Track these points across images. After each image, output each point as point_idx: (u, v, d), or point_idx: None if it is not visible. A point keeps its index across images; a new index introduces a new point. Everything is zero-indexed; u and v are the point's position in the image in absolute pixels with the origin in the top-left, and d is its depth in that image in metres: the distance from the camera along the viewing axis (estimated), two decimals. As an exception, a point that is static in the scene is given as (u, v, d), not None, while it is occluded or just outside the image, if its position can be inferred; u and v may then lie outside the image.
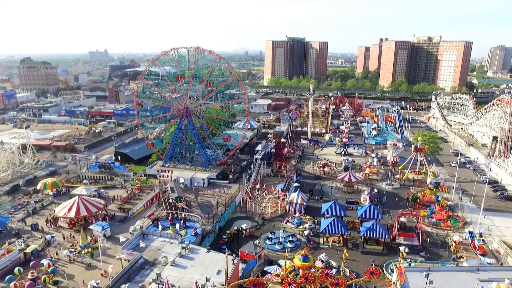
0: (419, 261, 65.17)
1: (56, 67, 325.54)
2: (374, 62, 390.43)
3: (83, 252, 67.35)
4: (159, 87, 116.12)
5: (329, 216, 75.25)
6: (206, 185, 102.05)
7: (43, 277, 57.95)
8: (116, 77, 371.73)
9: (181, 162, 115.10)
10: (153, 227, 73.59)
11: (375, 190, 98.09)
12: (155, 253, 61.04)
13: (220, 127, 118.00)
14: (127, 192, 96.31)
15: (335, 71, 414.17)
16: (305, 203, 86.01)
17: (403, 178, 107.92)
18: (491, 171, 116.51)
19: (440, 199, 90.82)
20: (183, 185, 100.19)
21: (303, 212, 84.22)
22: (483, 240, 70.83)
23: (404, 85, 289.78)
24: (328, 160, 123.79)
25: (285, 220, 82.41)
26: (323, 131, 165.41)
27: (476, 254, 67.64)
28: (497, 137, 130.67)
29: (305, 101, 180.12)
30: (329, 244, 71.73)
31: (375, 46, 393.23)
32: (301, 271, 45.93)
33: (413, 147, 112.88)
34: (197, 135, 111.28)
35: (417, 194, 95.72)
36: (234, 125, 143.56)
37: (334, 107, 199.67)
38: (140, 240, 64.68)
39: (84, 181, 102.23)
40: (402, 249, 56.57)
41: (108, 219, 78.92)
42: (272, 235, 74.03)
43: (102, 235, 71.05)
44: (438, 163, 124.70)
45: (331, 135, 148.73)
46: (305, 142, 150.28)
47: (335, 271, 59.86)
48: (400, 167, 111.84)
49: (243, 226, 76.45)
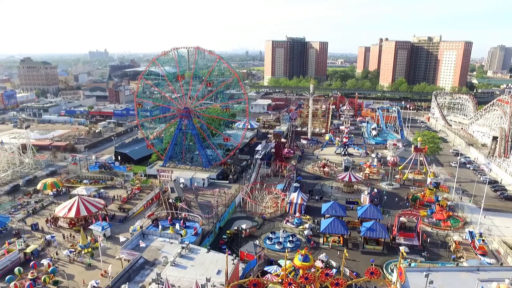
0: (419, 261, 65.19)
1: (56, 67, 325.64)
2: (374, 62, 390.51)
3: (83, 252, 67.36)
4: (159, 87, 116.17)
5: (329, 216, 75.26)
6: (206, 185, 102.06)
7: (43, 277, 57.95)
8: (116, 77, 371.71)
9: (181, 162, 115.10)
10: (153, 227, 73.63)
11: (375, 190, 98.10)
12: (155, 253, 61.02)
13: (220, 127, 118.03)
14: (127, 192, 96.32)
15: (335, 71, 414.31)
16: (305, 203, 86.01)
17: (403, 178, 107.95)
18: (491, 171, 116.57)
19: (440, 199, 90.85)
20: (183, 185, 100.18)
21: (303, 212, 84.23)
22: (483, 240, 70.83)
23: (404, 85, 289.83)
24: (328, 160, 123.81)
25: (285, 220, 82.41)
26: (323, 131, 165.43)
27: (476, 254, 67.65)
28: (497, 137, 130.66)
29: (305, 101, 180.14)
30: (329, 244, 71.74)
31: (375, 46, 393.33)
32: (301, 271, 45.92)
33: (413, 147, 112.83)
34: (197, 135, 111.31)
35: (417, 194, 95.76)
36: (234, 125, 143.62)
37: (334, 107, 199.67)
38: (140, 240, 64.68)
39: (84, 181, 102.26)
40: (402, 249, 56.52)
41: (108, 219, 78.95)
42: (272, 235, 74.08)
43: (102, 235, 71.03)
44: (438, 163, 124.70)
45: (331, 135, 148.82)
46: (305, 142, 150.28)
47: (335, 271, 59.85)
48: (400, 167, 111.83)
49: (243, 226, 76.47)
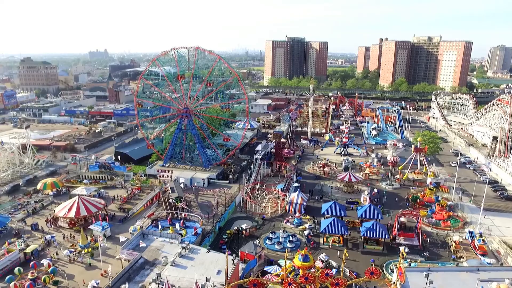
0: (419, 261, 65.19)
1: (56, 67, 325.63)
2: (374, 62, 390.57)
3: (83, 252, 67.36)
4: (159, 87, 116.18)
5: (329, 216, 75.26)
6: (206, 185, 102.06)
7: (43, 277, 57.94)
8: (116, 77, 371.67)
9: (181, 162, 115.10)
10: (153, 227, 73.60)
11: (375, 190, 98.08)
12: (155, 253, 61.01)
13: (220, 127, 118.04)
14: (127, 192, 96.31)
15: (335, 71, 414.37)
16: (305, 203, 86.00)
17: (403, 178, 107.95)
18: (491, 171, 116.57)
19: (440, 199, 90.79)
20: (183, 185, 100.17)
21: (303, 212, 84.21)
22: (483, 240, 70.82)
23: (404, 85, 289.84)
24: (328, 160, 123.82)
25: (285, 220, 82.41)
26: (323, 131, 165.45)
27: (476, 254, 67.64)
28: (497, 137, 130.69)
29: (305, 101, 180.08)
30: (329, 244, 71.74)
31: (375, 46, 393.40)
32: (301, 271, 45.91)
33: (413, 147, 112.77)
34: (197, 135, 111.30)
35: (417, 194, 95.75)
36: (234, 125, 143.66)
37: (334, 107, 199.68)
38: (140, 240, 64.68)
39: (84, 181, 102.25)
40: (402, 249, 56.48)
41: (108, 219, 78.90)
42: (272, 235, 74.07)
43: (102, 235, 71.06)
44: (438, 163, 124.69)
45: (332, 135, 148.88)
46: (305, 142, 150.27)
47: (335, 271, 59.86)
48: (400, 167, 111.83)
49: (243, 226, 76.46)
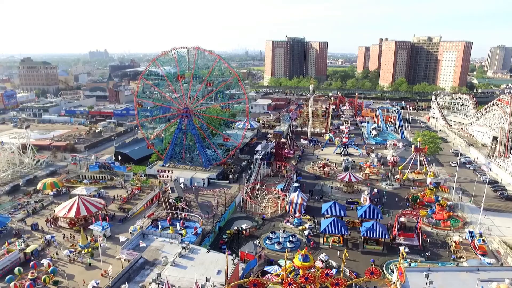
0: (419, 261, 65.19)
1: (56, 67, 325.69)
2: (374, 62, 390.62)
3: (83, 252, 67.35)
4: (159, 87, 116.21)
5: (329, 216, 75.26)
6: (206, 185, 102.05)
7: (43, 277, 57.94)
8: (116, 77, 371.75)
9: (181, 162, 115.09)
10: (152, 227, 73.57)
11: (375, 190, 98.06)
12: (155, 253, 61.01)
13: (220, 127, 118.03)
14: (127, 192, 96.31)
15: (335, 71, 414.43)
16: (305, 203, 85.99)
17: (403, 178, 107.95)
18: (491, 171, 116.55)
19: (440, 199, 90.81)
20: (183, 185, 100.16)
21: (303, 212, 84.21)
22: (483, 240, 70.82)
23: (404, 85, 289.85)
24: (328, 160, 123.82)
25: (285, 220, 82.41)
26: (323, 131, 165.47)
27: (476, 254, 67.65)
28: (497, 137, 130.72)
29: (305, 101, 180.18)
30: (329, 244, 71.74)
31: (375, 46, 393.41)
32: (301, 271, 45.91)
33: (413, 147, 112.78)
34: (197, 135, 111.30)
35: (417, 194, 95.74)
36: (234, 125, 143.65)
37: (334, 107, 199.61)
38: (140, 240, 64.67)
39: (84, 181, 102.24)
40: (402, 249, 56.44)
41: (108, 219, 78.94)
42: (272, 235, 74.07)
43: (102, 235, 71.05)
44: (438, 163, 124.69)
45: (332, 135, 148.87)
46: (305, 142, 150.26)
47: (335, 271, 59.87)
48: (400, 167, 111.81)
49: (243, 226, 76.47)
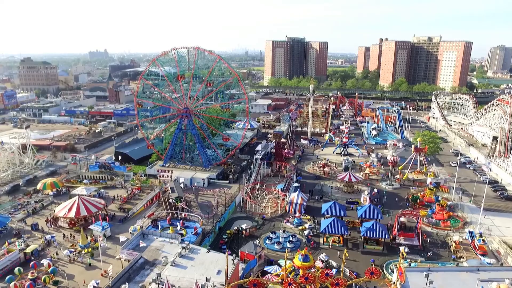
0: (419, 261, 65.19)
1: (56, 67, 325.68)
2: (374, 62, 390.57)
3: (83, 252, 67.35)
4: (159, 87, 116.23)
5: (329, 216, 75.27)
6: (206, 185, 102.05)
7: (43, 277, 57.93)
8: (116, 77, 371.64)
9: (181, 162, 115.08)
10: (152, 227, 73.54)
11: (375, 190, 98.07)
12: (155, 253, 61.01)
13: (220, 127, 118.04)
14: (127, 192, 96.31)
15: (335, 71, 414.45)
16: (305, 203, 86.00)
17: (403, 178, 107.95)
18: (491, 171, 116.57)
19: (440, 199, 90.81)
20: (183, 185, 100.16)
21: (303, 212, 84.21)
22: (483, 240, 70.83)
23: (404, 85, 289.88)
24: (328, 160, 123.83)
25: (285, 220, 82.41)
26: (323, 131, 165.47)
27: (476, 254, 67.65)
28: (497, 137, 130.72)
29: (305, 101, 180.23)
30: (329, 244, 71.74)
31: (375, 46, 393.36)
32: (301, 271, 45.91)
33: (413, 147, 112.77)
34: (197, 135, 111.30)
35: (417, 194, 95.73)
36: (234, 125, 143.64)
37: (334, 107, 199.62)
38: (140, 240, 64.66)
39: (84, 181, 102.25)
40: (402, 249, 56.47)
41: (108, 219, 78.96)
42: (272, 235, 74.07)
43: (102, 235, 71.04)
44: (438, 163, 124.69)
45: (332, 135, 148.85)
46: (305, 142, 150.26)
47: (335, 271, 59.86)
48: (400, 167, 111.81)
49: (243, 226, 76.48)
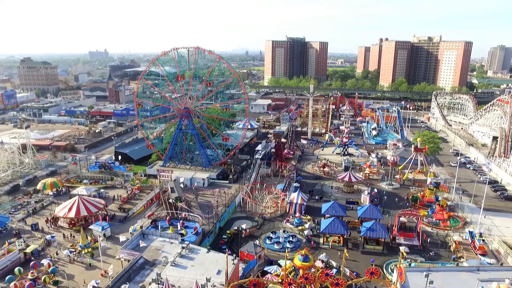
0: (419, 261, 65.20)
1: (56, 67, 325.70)
2: (374, 62, 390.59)
3: (83, 252, 67.36)
4: (159, 87, 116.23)
5: (329, 216, 75.27)
6: (206, 185, 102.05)
7: (43, 277, 57.94)
8: (116, 77, 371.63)
9: (181, 162, 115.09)
10: (152, 228, 73.51)
11: (375, 190, 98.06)
12: (155, 253, 61.00)
13: (220, 127, 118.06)
14: (127, 192, 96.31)
15: (335, 71, 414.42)
16: (305, 203, 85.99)
17: (403, 178, 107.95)
18: (491, 171, 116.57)
19: (440, 199, 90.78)
20: (183, 185, 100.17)
21: (303, 212, 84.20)
22: (483, 240, 70.83)
23: (404, 85, 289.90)
24: (328, 160, 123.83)
25: (285, 220, 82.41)
26: (323, 131, 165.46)
27: (476, 254, 67.65)
28: (497, 137, 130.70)
29: (305, 101, 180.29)
30: (329, 244, 71.74)
31: (375, 46, 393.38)
32: (301, 271, 45.92)
33: (413, 147, 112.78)
34: (197, 135, 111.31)
35: (417, 194, 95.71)
36: (234, 125, 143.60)
37: (334, 107, 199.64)
38: (140, 240, 64.66)
39: (84, 181, 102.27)
40: (402, 249, 56.53)
41: (108, 219, 78.99)
42: (273, 235, 74.07)
43: (102, 235, 71.03)
44: (438, 163, 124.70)
45: (332, 135, 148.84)
46: (305, 142, 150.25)
47: (335, 271, 59.86)
48: (400, 167, 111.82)
49: (243, 226, 76.48)
